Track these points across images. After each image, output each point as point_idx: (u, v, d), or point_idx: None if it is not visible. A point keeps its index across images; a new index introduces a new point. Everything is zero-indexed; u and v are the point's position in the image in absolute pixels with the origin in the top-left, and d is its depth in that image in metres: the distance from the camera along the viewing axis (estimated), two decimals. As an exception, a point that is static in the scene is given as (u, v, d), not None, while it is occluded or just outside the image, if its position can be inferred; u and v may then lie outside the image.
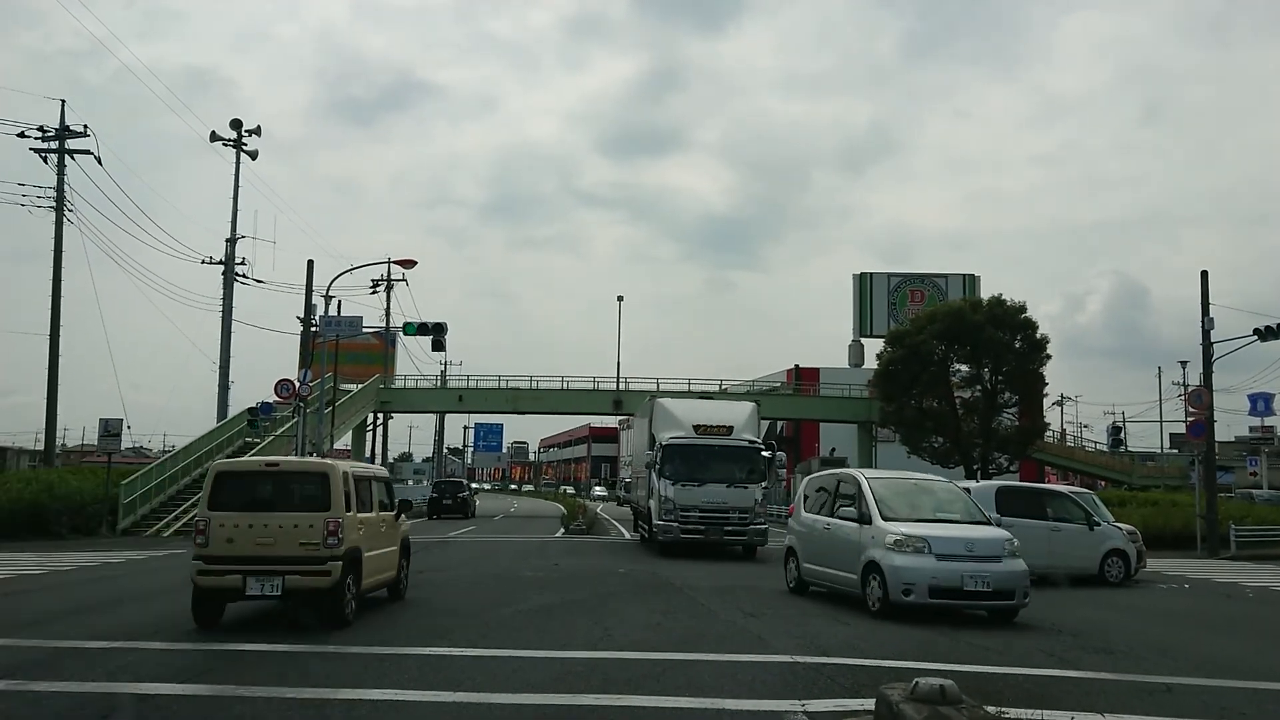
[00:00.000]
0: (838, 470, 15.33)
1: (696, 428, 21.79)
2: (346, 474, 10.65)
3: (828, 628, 10.72)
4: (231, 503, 10.20)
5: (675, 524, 20.78)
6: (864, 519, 12.00)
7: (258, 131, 38.04)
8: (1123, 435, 63.14)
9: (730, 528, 21.03)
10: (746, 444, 21.90)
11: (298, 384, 29.32)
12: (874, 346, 50.47)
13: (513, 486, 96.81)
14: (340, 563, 10.01)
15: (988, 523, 12.32)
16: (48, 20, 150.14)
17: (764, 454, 22.26)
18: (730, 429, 22.02)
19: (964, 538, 11.47)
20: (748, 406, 23.57)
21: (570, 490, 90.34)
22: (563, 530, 33.74)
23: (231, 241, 37.26)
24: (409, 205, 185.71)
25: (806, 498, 14.22)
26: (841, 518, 12.59)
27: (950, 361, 38.26)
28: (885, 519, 11.73)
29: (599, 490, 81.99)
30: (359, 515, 10.74)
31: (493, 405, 53.34)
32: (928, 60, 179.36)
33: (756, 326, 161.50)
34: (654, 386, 58.40)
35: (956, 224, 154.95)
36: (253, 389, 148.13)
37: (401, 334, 45.09)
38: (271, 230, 59.89)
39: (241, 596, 10.00)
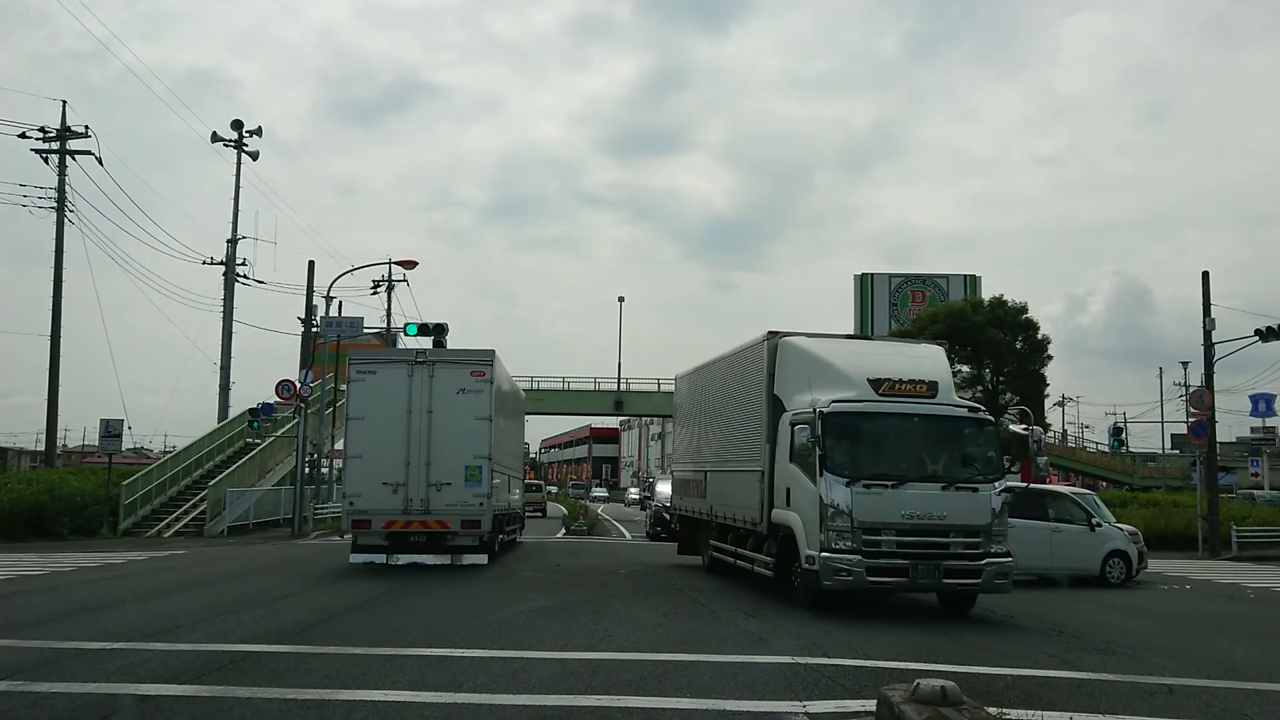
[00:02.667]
0: None
1: (876, 385, 12.32)
2: (543, 485, 57.85)
3: (829, 628, 10.71)
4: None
5: (856, 556, 11.45)
6: None
7: (259, 132, 38.40)
8: (1124, 436, 63.20)
9: (954, 564, 11.64)
10: (966, 412, 12.53)
11: (298, 385, 29.32)
12: (875, 347, 50.32)
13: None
14: (544, 505, 49.56)
15: None
16: (51, 22, 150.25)
17: (1017, 429, 13.03)
18: (934, 386, 12.55)
19: None
20: (938, 351, 14.00)
21: (604, 493, 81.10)
22: (563, 531, 33.79)
23: (233, 242, 37.46)
24: (411, 206, 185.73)
25: None
26: None
27: (951, 362, 38.28)
28: None
29: (633, 494, 68.60)
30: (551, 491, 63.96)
31: (494, 406, 53.08)
32: (930, 61, 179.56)
33: (759, 327, 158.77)
34: (655, 387, 58.55)
35: (959, 225, 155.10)
36: (254, 390, 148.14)
37: (403, 335, 45.05)
38: (273, 231, 60.92)
39: (525, 515, 30.95)
